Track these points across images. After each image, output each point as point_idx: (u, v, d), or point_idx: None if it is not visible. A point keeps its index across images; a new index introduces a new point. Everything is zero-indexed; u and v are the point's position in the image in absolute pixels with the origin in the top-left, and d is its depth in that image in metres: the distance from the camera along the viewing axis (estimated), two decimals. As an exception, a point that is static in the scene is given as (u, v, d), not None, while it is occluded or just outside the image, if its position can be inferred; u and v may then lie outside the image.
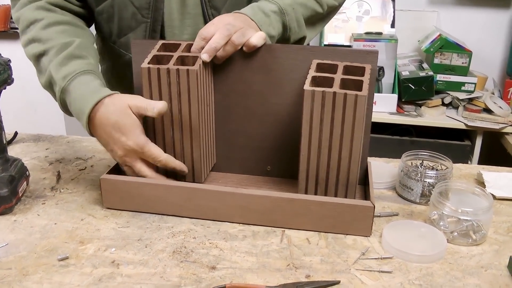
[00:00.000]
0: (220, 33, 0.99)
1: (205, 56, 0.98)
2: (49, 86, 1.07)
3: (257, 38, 1.01)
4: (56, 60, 1.04)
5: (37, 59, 1.09)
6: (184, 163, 1.05)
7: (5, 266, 0.85)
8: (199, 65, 0.97)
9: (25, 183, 1.09)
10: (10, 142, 1.36)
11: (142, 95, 1.00)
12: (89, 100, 0.99)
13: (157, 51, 1.03)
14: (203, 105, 1.01)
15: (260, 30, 1.04)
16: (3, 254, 0.88)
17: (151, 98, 0.99)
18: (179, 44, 1.04)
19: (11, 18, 3.08)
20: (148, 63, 0.99)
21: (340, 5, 1.25)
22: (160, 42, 1.05)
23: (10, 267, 0.85)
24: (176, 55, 1.00)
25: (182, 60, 1.00)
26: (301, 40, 1.17)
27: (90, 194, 1.09)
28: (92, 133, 1.02)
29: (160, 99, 0.99)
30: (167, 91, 0.98)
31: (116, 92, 1.02)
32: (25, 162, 1.14)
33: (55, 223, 0.98)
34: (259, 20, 1.05)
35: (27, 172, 1.11)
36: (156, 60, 1.01)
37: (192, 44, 1.02)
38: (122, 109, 0.98)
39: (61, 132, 3.25)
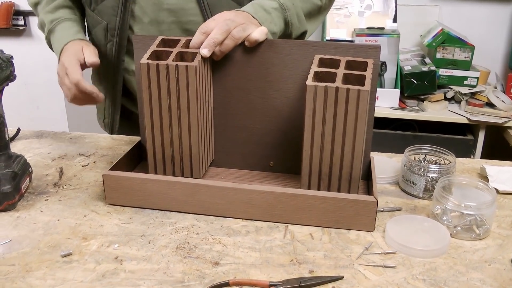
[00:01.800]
0: (219, 28, 0.99)
1: (204, 51, 0.98)
2: (41, 27, 1.35)
3: (259, 32, 1.00)
4: (47, 8, 1.33)
5: (34, 6, 1.39)
6: (182, 159, 1.05)
7: (9, 262, 0.85)
8: (198, 61, 0.97)
9: (28, 179, 1.09)
10: (12, 138, 1.36)
11: (141, 90, 1.01)
12: (65, 41, 1.25)
13: (156, 46, 1.03)
14: (201, 101, 1.01)
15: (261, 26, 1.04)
16: (7, 250, 0.88)
17: (150, 94, 0.99)
18: (179, 40, 1.04)
19: (13, 15, 3.08)
20: (147, 59, 0.99)
21: None
22: (160, 37, 1.05)
23: (14, 263, 0.85)
24: (175, 51, 1.00)
25: (181, 56, 1.00)
26: (302, 35, 1.17)
27: (93, 190, 1.09)
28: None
29: (159, 94, 0.99)
30: (166, 87, 0.98)
31: (85, 39, 1.29)
32: (28, 158, 1.14)
33: (58, 219, 0.98)
34: (261, 18, 1.05)
35: (30, 169, 1.11)
36: (155, 56, 1.01)
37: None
38: (77, 46, 1.23)
39: (63, 129, 3.25)
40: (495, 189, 1.04)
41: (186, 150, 1.04)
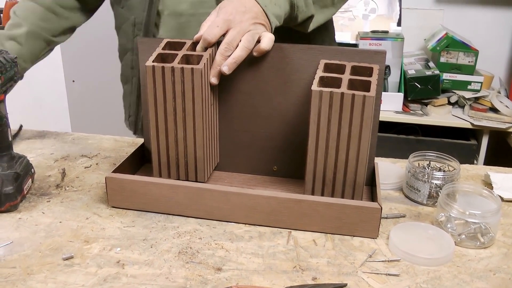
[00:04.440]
0: (241, 49, 0.98)
1: (225, 69, 0.99)
2: None
3: (267, 42, 0.99)
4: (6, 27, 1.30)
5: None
6: (187, 162, 1.04)
7: (10, 264, 0.85)
8: (203, 64, 0.96)
9: (30, 180, 1.08)
10: (15, 135, 1.36)
11: (146, 93, 1.00)
12: None
13: (162, 49, 1.02)
14: (207, 104, 1.00)
15: (264, 12, 1.01)
16: (8, 252, 0.88)
17: (155, 97, 0.99)
18: (184, 43, 1.04)
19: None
20: (153, 61, 0.98)
21: None
22: (165, 40, 1.05)
23: (15, 265, 0.84)
24: (181, 53, 1.00)
25: (187, 59, 1.00)
26: (308, 19, 1.14)
27: (95, 192, 1.08)
28: None
29: (164, 97, 0.98)
30: (171, 90, 0.98)
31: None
32: (30, 159, 1.14)
33: (60, 222, 0.97)
34: (264, 0, 1.02)
35: (32, 170, 1.10)
36: (161, 58, 1.00)
37: (197, 42, 1.01)
38: None
39: (66, 128, 3.25)
40: (500, 196, 1.03)
41: (191, 153, 1.03)
